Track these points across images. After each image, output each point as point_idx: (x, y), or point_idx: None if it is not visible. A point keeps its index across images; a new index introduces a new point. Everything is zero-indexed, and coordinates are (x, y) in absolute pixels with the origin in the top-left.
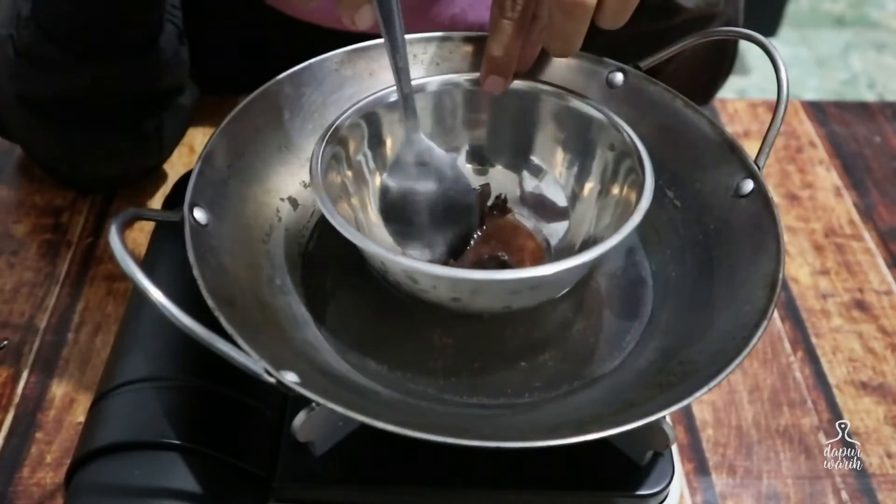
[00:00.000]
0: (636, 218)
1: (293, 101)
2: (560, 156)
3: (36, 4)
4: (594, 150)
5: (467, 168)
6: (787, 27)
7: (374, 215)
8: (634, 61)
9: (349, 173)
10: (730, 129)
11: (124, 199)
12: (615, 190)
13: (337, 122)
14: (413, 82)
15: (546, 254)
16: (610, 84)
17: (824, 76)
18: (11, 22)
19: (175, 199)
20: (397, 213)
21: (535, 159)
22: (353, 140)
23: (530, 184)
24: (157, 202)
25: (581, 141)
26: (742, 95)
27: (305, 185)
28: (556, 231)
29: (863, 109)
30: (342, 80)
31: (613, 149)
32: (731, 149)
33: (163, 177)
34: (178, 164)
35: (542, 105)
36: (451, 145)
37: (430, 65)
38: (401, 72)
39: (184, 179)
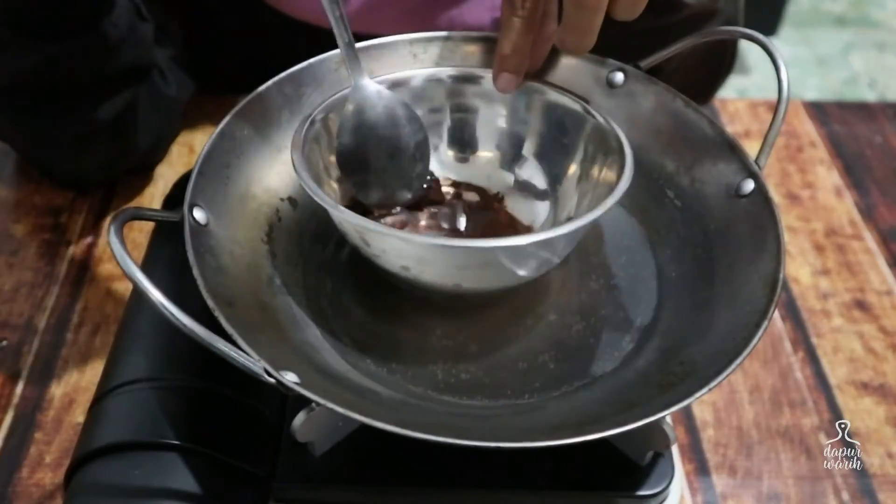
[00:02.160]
0: (615, 196)
1: (293, 101)
2: (539, 143)
3: None
4: (576, 140)
5: (449, 154)
6: (787, 27)
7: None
8: (635, 59)
9: (331, 158)
10: (730, 128)
11: (124, 199)
12: (595, 173)
13: (320, 107)
14: (396, 75)
15: None
16: (610, 84)
17: (825, 76)
18: None
19: (175, 199)
20: (354, 162)
21: (514, 147)
22: (334, 125)
23: (512, 169)
24: (157, 202)
25: (560, 130)
26: (742, 95)
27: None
28: (538, 214)
29: (863, 109)
30: (342, 80)
31: (593, 137)
32: (732, 149)
33: (163, 177)
34: (178, 164)
35: (522, 96)
36: (434, 133)
37: (430, 64)
38: (339, 21)
39: (184, 179)
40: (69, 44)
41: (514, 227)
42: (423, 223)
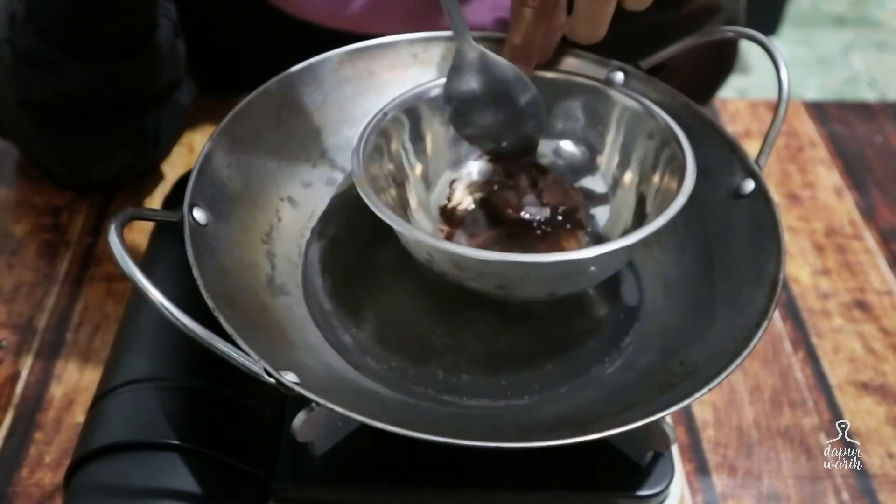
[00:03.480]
0: (680, 200)
1: (293, 101)
2: (598, 144)
3: (31, 7)
4: (634, 139)
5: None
6: (787, 26)
7: (414, 204)
8: (635, 57)
9: (390, 166)
10: (730, 128)
11: (124, 199)
12: (656, 178)
13: (378, 116)
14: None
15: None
16: (610, 84)
17: (825, 76)
18: (7, 25)
19: (175, 199)
20: (463, 117)
21: (574, 148)
22: (395, 133)
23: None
24: (156, 202)
25: (618, 130)
26: (743, 95)
27: (305, 186)
28: (598, 218)
29: (864, 109)
30: (342, 80)
31: (652, 137)
32: (732, 149)
33: (163, 177)
34: (178, 164)
35: (575, 95)
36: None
37: (431, 64)
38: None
39: (184, 179)
40: (116, 65)
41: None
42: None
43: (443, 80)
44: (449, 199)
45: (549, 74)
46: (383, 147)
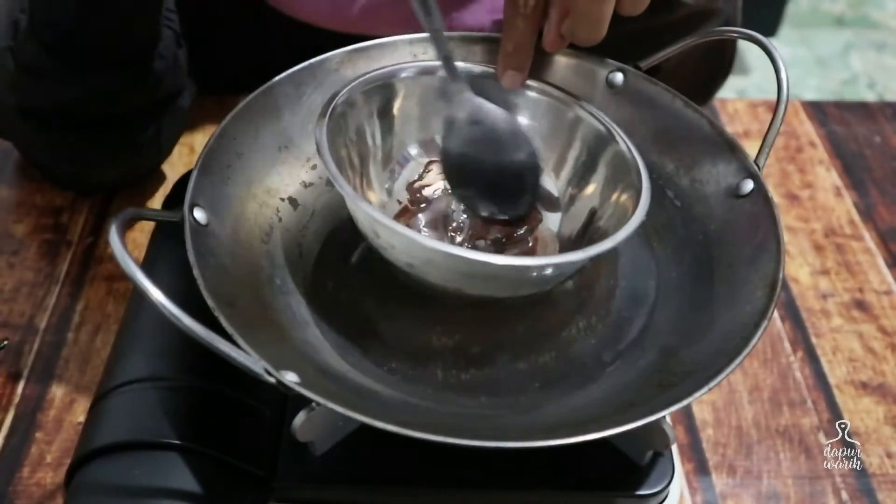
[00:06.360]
0: (628, 228)
1: (293, 101)
2: (557, 157)
3: (34, 17)
4: (596, 160)
5: None
6: (786, 27)
7: (375, 183)
8: (632, 59)
9: (353, 137)
10: (730, 129)
11: (124, 199)
12: (612, 197)
13: (342, 93)
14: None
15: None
16: (610, 84)
17: (824, 76)
18: (9, 34)
19: (175, 199)
20: (461, 177)
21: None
22: (360, 111)
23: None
24: (157, 202)
25: (583, 149)
26: (742, 95)
27: (305, 186)
28: (549, 227)
29: (863, 109)
30: (342, 80)
31: (613, 161)
32: (731, 149)
33: (163, 177)
34: (178, 164)
35: (545, 109)
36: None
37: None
38: (436, 34)
39: (184, 179)
40: (118, 77)
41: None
42: (451, 225)
43: (418, 63)
44: (420, 178)
45: (529, 83)
46: (346, 125)
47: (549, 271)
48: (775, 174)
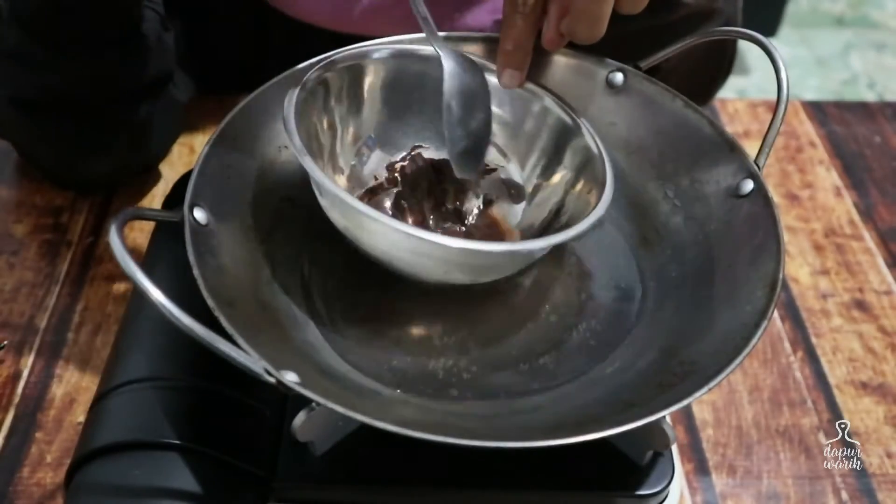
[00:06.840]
0: (588, 221)
1: None
2: (524, 147)
3: (13, 3)
4: (562, 151)
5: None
6: (786, 27)
7: (343, 163)
8: (632, 59)
9: (324, 119)
10: (730, 129)
11: (124, 199)
12: (576, 189)
13: (313, 70)
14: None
15: None
16: (610, 84)
17: (824, 76)
18: None
19: (175, 199)
20: (458, 123)
21: (499, 147)
22: (329, 89)
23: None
24: (157, 202)
25: (549, 140)
26: (742, 95)
27: (305, 185)
28: (514, 215)
29: (863, 109)
30: None
31: (579, 153)
32: (731, 149)
33: (163, 177)
34: (178, 164)
35: (512, 97)
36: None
37: None
38: (424, 20)
39: (184, 179)
40: (102, 59)
41: (498, 227)
42: (422, 208)
43: (390, 45)
44: (403, 160)
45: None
46: (317, 102)
47: (504, 258)
48: (775, 174)
